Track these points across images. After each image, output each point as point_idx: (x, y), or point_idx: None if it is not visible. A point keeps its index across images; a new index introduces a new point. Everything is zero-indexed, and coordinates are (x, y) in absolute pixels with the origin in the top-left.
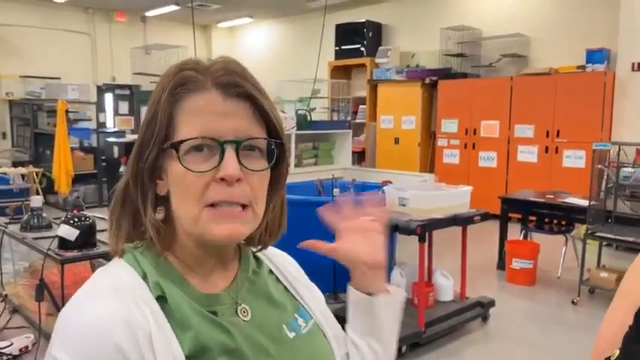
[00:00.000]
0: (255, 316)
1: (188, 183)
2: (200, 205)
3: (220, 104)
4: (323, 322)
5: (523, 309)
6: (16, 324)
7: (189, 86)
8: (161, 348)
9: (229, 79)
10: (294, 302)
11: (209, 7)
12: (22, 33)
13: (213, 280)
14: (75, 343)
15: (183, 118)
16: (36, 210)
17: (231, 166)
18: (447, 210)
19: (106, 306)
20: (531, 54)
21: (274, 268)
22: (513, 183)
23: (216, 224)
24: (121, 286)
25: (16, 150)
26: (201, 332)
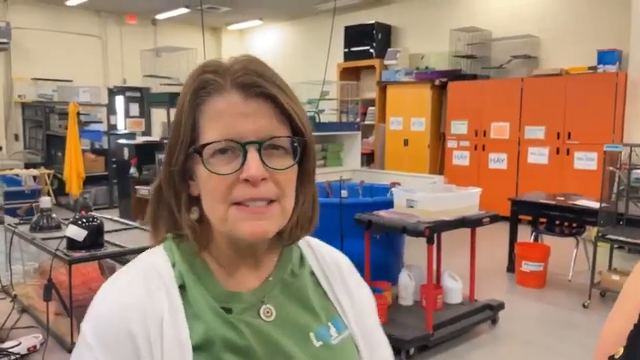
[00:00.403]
0: (280, 318)
1: (213, 185)
2: (226, 204)
3: (241, 105)
4: (358, 335)
5: (533, 312)
6: (24, 324)
7: (209, 89)
8: (170, 333)
9: (248, 79)
10: (330, 310)
11: (219, 10)
12: (34, 36)
13: (242, 279)
14: (97, 322)
15: (206, 121)
16: (45, 211)
17: (254, 167)
18: (455, 212)
19: (127, 292)
20: (542, 55)
21: (318, 270)
22: (524, 185)
23: (243, 222)
24: (149, 272)
25: (29, 152)
26: (210, 326)
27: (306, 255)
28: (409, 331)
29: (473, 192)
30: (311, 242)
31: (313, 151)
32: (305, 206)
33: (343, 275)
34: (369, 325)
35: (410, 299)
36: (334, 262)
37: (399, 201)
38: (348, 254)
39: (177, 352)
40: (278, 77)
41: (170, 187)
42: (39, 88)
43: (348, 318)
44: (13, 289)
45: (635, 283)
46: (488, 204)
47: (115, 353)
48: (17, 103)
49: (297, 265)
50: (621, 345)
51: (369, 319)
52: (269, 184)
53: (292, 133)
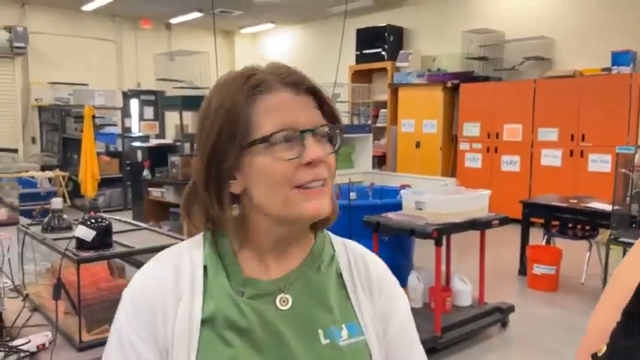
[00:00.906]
0: (294, 309)
1: (278, 171)
2: (288, 187)
3: (293, 100)
4: (375, 344)
5: (544, 315)
6: (35, 322)
7: (261, 88)
8: (185, 306)
9: (295, 78)
10: (348, 312)
11: (232, 14)
12: (51, 41)
13: (265, 268)
14: (132, 284)
15: (261, 116)
16: (56, 212)
17: (317, 150)
18: (464, 214)
19: (159, 265)
20: (555, 56)
21: (346, 273)
22: (537, 187)
23: (306, 202)
24: (183, 253)
25: (45, 154)
26: (218, 304)
27: (339, 256)
28: (417, 333)
29: (482, 194)
30: (347, 244)
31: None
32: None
33: (372, 281)
34: (394, 335)
35: (419, 301)
36: (365, 267)
37: (407, 203)
38: None
39: (187, 323)
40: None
41: (211, 187)
42: (56, 92)
43: (366, 324)
44: (25, 289)
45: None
46: (501, 206)
47: (138, 312)
48: (34, 107)
49: (327, 263)
50: (604, 342)
51: (394, 329)
52: (323, 166)
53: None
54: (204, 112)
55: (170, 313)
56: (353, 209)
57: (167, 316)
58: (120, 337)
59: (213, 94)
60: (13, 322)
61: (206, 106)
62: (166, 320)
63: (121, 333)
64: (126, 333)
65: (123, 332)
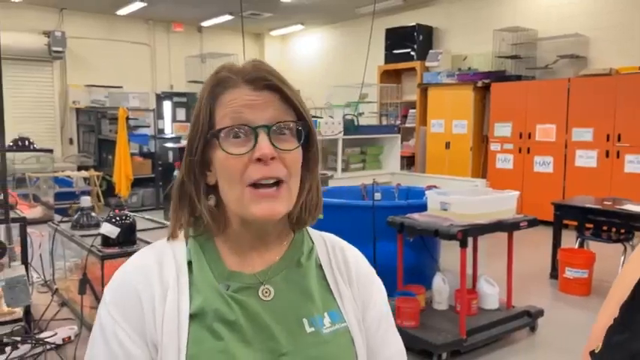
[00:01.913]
0: (277, 300)
1: (230, 166)
2: (242, 185)
3: (251, 96)
4: (356, 329)
5: (575, 320)
6: (63, 316)
7: (224, 84)
8: (172, 301)
9: (257, 74)
10: (329, 301)
11: (261, 16)
12: (88, 45)
13: (248, 261)
14: (113, 283)
15: (220, 111)
16: (85, 210)
17: (265, 146)
18: (491, 215)
19: (141, 260)
20: (590, 54)
21: (326, 264)
22: (571, 189)
23: (256, 204)
24: (165, 248)
25: (82, 155)
26: (206, 299)
27: (317, 248)
28: (442, 335)
29: (510, 195)
30: (325, 237)
31: (316, 138)
32: (311, 192)
33: (350, 271)
34: (373, 322)
35: (444, 304)
36: (344, 258)
37: (432, 204)
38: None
39: (175, 317)
40: (281, 76)
41: (191, 178)
42: (92, 95)
43: (347, 312)
44: (54, 284)
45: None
46: (533, 208)
47: (124, 310)
48: (72, 109)
49: (306, 256)
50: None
51: (373, 316)
52: (278, 163)
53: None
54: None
55: (158, 308)
56: (378, 210)
57: (155, 312)
58: (106, 337)
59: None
60: (42, 315)
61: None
62: (155, 316)
63: (107, 332)
64: (112, 332)
65: (108, 331)
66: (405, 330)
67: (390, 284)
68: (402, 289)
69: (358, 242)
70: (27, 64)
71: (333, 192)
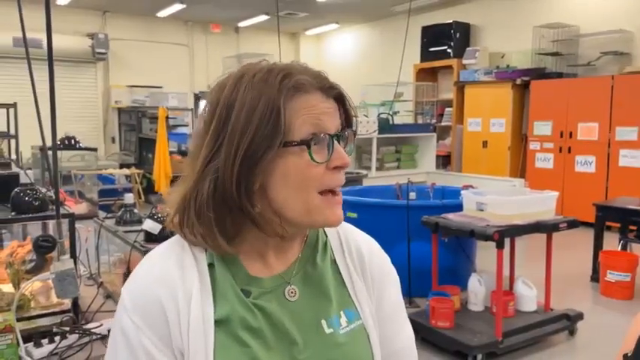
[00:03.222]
0: (300, 301)
1: (309, 173)
2: (313, 192)
3: (324, 102)
4: (371, 325)
5: (616, 324)
6: (108, 308)
7: (299, 87)
8: (197, 308)
9: (328, 82)
10: (344, 298)
11: (297, 16)
12: (129, 46)
13: (266, 265)
14: (134, 289)
15: (296, 117)
16: (129, 206)
17: (345, 155)
18: (529, 216)
19: (161, 263)
20: (635, 51)
21: (340, 259)
22: (614, 189)
23: (332, 210)
24: (185, 254)
25: (123, 153)
26: (231, 306)
27: (331, 242)
28: (477, 337)
29: (549, 195)
30: (340, 229)
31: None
32: None
33: (364, 263)
34: (387, 313)
35: (480, 305)
36: (358, 250)
37: (468, 204)
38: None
39: (201, 324)
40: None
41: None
42: (133, 95)
43: (362, 308)
44: (100, 277)
45: None
46: (575, 209)
47: (148, 318)
48: (114, 109)
49: (321, 254)
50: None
51: (387, 306)
52: (343, 172)
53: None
54: (230, 104)
55: (183, 315)
56: (412, 210)
57: (180, 319)
58: (131, 344)
59: (240, 89)
60: (88, 307)
61: (231, 100)
62: (180, 323)
63: (132, 340)
64: (137, 340)
65: (133, 339)
66: (439, 331)
67: (425, 284)
68: (436, 289)
69: (392, 242)
70: (72, 65)
71: (367, 191)
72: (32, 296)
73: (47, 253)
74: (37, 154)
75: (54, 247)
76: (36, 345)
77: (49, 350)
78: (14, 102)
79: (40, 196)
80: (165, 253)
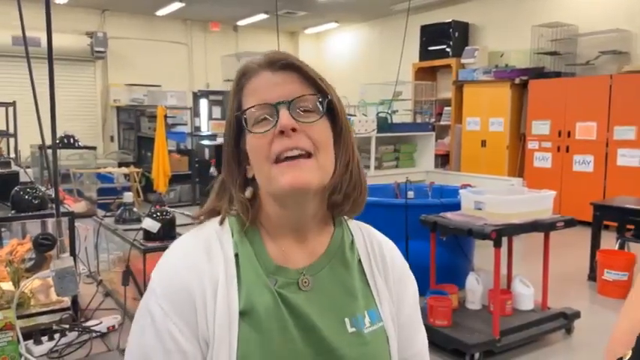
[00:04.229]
0: (316, 292)
1: (256, 145)
2: (269, 163)
3: (270, 77)
4: (391, 327)
5: (613, 323)
6: (107, 306)
7: (247, 75)
8: (222, 297)
9: (274, 57)
10: (369, 299)
11: (296, 14)
12: (128, 45)
13: (292, 256)
14: (163, 275)
15: (246, 97)
16: (128, 205)
17: (285, 118)
18: (527, 215)
19: (190, 252)
20: (634, 50)
21: (365, 259)
22: (612, 189)
23: (284, 175)
24: (212, 239)
25: (122, 152)
26: (256, 295)
27: (357, 241)
28: (474, 335)
29: (546, 195)
30: (362, 228)
31: (341, 112)
32: (351, 173)
33: (387, 266)
34: (405, 318)
35: (478, 303)
36: (380, 251)
37: (466, 203)
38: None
39: (226, 314)
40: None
41: (229, 172)
42: (132, 93)
43: (384, 310)
44: (99, 275)
45: None
46: (572, 208)
47: (176, 305)
48: (113, 107)
49: (348, 251)
50: (631, 346)
51: (405, 313)
52: (302, 136)
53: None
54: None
55: (209, 305)
56: (410, 208)
57: (207, 308)
58: (158, 330)
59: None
60: (87, 305)
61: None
62: (206, 312)
63: (159, 325)
64: (164, 326)
65: (160, 325)
66: (437, 329)
67: (423, 283)
68: (434, 288)
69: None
70: (71, 64)
71: None
72: (32, 294)
73: (47, 251)
74: (36, 153)
75: (53, 245)
76: (36, 342)
77: (49, 347)
78: (13, 100)
79: (39, 195)
80: (193, 240)
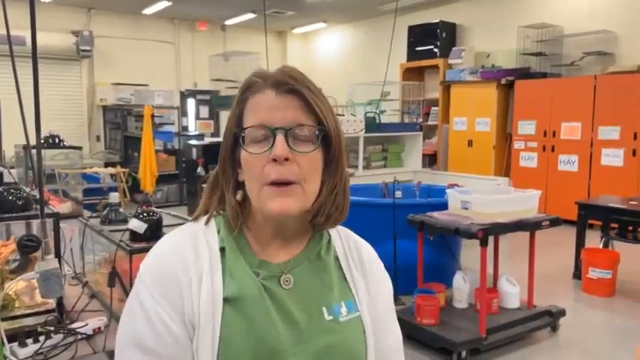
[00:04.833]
0: (297, 288)
1: (250, 164)
2: (260, 183)
3: (273, 99)
4: (368, 319)
5: (598, 321)
6: (93, 308)
7: (252, 89)
8: (207, 284)
9: (282, 79)
10: (345, 291)
11: (284, 14)
12: (115, 44)
13: (273, 253)
14: (151, 265)
15: (247, 113)
16: (114, 205)
17: (280, 147)
18: (513, 214)
19: (177, 244)
20: (618, 51)
21: (342, 256)
22: (596, 188)
23: (271, 200)
24: (199, 234)
25: (108, 152)
26: (241, 285)
27: (334, 241)
28: (461, 333)
29: (531, 194)
30: (340, 230)
31: (340, 142)
32: (334, 195)
33: (364, 264)
34: (381, 312)
35: (464, 302)
36: (358, 251)
37: (453, 202)
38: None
39: (210, 301)
40: (308, 80)
41: (223, 173)
42: (118, 92)
43: (360, 302)
44: (84, 276)
45: None
46: (558, 207)
47: (164, 290)
48: (99, 107)
49: (325, 249)
50: None
51: (382, 307)
52: (293, 165)
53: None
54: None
55: (195, 291)
56: (398, 208)
57: (192, 294)
58: (148, 316)
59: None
60: (73, 307)
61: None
62: (192, 298)
63: (149, 311)
64: (154, 311)
65: (151, 310)
66: (424, 328)
67: (410, 282)
68: (422, 286)
69: (379, 240)
70: (56, 62)
71: (353, 190)
72: (16, 296)
73: (31, 253)
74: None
75: (38, 246)
76: (20, 345)
77: (34, 350)
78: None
79: (23, 196)
80: (179, 236)
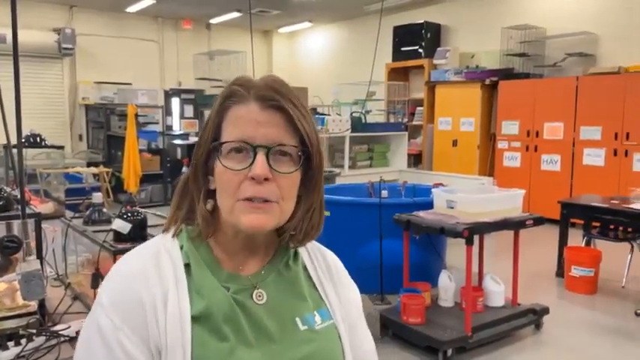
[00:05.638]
0: (270, 302)
1: (226, 179)
2: (234, 198)
3: (257, 114)
4: (342, 327)
5: (581, 318)
6: (76, 310)
7: (235, 98)
8: (173, 304)
9: (267, 93)
10: (317, 300)
11: (269, 13)
12: (97, 42)
13: (241, 266)
14: (110, 287)
15: (227, 124)
16: (97, 206)
17: (260, 167)
18: (497, 214)
19: (139, 264)
20: (599, 53)
21: (309, 265)
22: (578, 187)
23: (246, 215)
24: (161, 250)
25: (91, 151)
26: (211, 301)
27: (300, 252)
28: (447, 332)
29: (515, 193)
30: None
31: (320, 161)
32: (310, 214)
33: (332, 273)
34: (353, 320)
35: (450, 301)
36: (324, 260)
37: (439, 202)
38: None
39: (177, 322)
40: (294, 95)
41: (194, 180)
42: (101, 91)
43: (333, 310)
44: (67, 278)
45: None
46: (540, 206)
47: (126, 316)
48: (81, 105)
49: (292, 258)
50: None
51: (353, 314)
52: (272, 185)
53: (302, 144)
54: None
55: (160, 312)
56: (384, 207)
57: (157, 315)
58: (107, 343)
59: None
60: (55, 309)
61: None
62: (157, 319)
63: (108, 338)
64: (114, 337)
65: (110, 337)
66: (410, 326)
67: (396, 281)
68: (408, 285)
69: (365, 239)
70: (37, 60)
71: (340, 189)
72: None
73: (12, 254)
74: (1, 152)
75: (19, 247)
76: (2, 347)
77: (16, 353)
78: None
79: (4, 196)
80: (141, 252)
